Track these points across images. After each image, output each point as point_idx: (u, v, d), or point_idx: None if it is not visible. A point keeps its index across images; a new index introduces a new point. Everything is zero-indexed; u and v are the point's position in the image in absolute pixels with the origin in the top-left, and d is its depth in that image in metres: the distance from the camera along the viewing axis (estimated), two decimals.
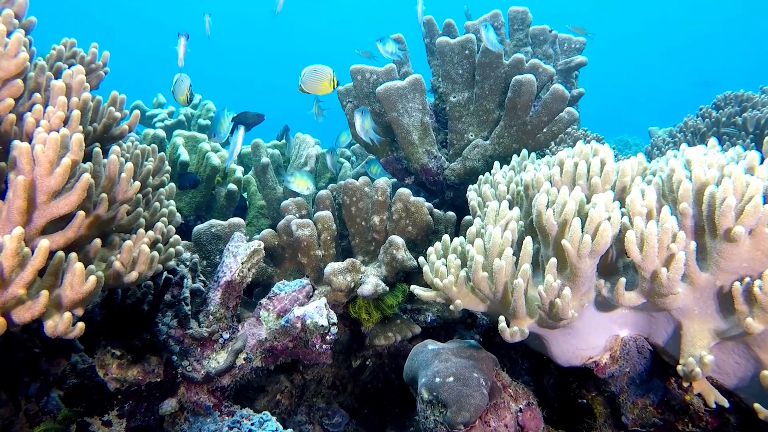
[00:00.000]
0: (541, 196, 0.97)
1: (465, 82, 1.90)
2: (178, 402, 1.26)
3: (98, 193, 1.01)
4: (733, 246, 0.82)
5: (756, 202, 0.79)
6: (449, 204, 2.01)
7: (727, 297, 0.86)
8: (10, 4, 1.11)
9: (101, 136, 1.21)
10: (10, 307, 0.77)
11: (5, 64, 0.90)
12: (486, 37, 1.70)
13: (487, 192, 1.24)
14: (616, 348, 1.03)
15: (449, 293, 1.02)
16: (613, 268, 1.00)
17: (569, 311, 0.90)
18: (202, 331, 1.24)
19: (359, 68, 1.92)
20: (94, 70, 1.31)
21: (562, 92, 1.72)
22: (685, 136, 2.69)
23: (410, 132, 1.88)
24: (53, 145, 0.82)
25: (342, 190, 1.65)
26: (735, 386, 0.92)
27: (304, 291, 1.34)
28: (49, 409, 1.17)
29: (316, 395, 1.59)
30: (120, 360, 1.23)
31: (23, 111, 0.99)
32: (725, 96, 2.72)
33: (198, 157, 2.19)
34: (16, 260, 0.74)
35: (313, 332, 1.22)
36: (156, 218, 1.20)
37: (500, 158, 1.81)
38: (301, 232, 1.54)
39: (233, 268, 1.28)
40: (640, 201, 0.90)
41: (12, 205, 0.81)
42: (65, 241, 0.90)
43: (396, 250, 1.46)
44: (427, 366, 1.06)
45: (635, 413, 1.04)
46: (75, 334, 0.82)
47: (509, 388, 1.07)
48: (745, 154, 0.95)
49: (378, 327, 1.52)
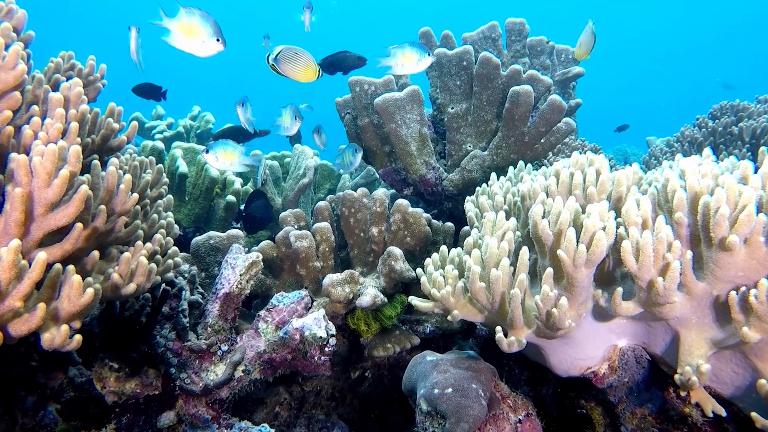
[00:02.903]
0: (537, 207, 0.97)
1: (463, 93, 1.92)
2: (176, 415, 1.26)
3: (96, 204, 1.02)
4: (729, 255, 0.83)
5: (749, 211, 0.79)
6: (448, 215, 2.01)
7: (724, 306, 0.86)
8: (8, 18, 1.12)
9: (99, 147, 1.21)
10: (7, 320, 0.77)
11: (3, 77, 0.91)
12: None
13: (485, 203, 1.24)
14: (615, 358, 1.03)
15: (447, 304, 1.02)
16: (611, 278, 1.00)
17: (566, 321, 0.90)
18: (201, 344, 1.24)
19: (357, 80, 1.94)
20: (92, 83, 1.32)
21: (560, 103, 1.73)
22: (682, 145, 2.70)
23: (408, 143, 1.88)
24: (51, 157, 0.82)
25: (340, 201, 1.65)
26: (733, 395, 0.92)
27: (303, 302, 1.34)
28: (46, 423, 1.17)
29: (315, 407, 1.59)
30: (118, 373, 1.23)
31: (21, 123, 1.00)
32: (721, 106, 2.74)
33: (196, 169, 2.20)
34: (13, 273, 0.74)
35: (312, 344, 1.22)
36: (154, 230, 1.20)
37: (498, 169, 1.82)
38: (299, 244, 1.55)
39: (231, 280, 1.28)
40: (635, 211, 0.90)
41: (9, 217, 0.81)
42: (63, 254, 0.90)
43: (394, 261, 1.46)
44: (426, 377, 1.06)
45: (634, 423, 1.04)
46: (72, 347, 0.82)
47: (508, 398, 1.06)
48: (738, 164, 0.95)
49: (377, 338, 1.51)
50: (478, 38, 2.15)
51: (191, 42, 1.26)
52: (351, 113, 2.02)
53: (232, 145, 1.47)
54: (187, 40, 1.26)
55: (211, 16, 1.26)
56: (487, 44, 2.14)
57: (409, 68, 1.53)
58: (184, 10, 1.24)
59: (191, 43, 1.26)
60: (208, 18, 1.26)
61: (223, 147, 1.45)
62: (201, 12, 1.25)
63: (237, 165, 1.47)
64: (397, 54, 1.51)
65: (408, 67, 1.52)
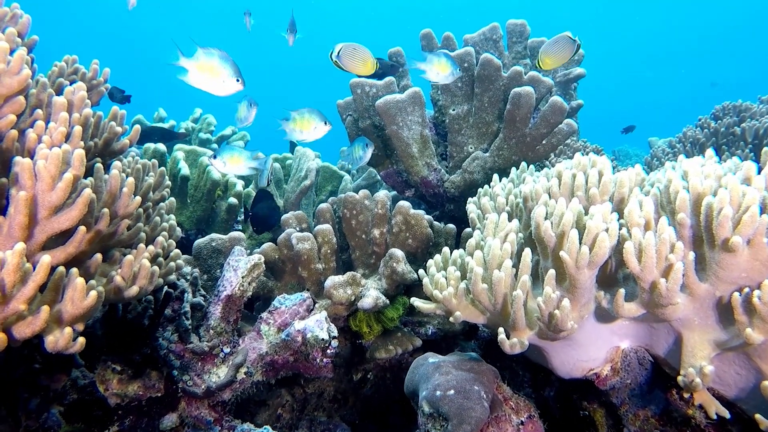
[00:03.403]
0: (539, 208, 0.98)
1: (464, 95, 1.92)
2: (178, 417, 1.26)
3: (99, 208, 1.02)
4: (732, 256, 0.83)
5: (752, 212, 0.79)
6: (449, 216, 2.01)
7: (727, 307, 0.86)
8: (13, 23, 1.13)
9: (102, 151, 1.22)
10: (11, 322, 0.77)
11: (8, 81, 0.91)
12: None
13: (487, 204, 1.24)
14: (617, 359, 1.03)
15: (449, 305, 1.02)
16: (613, 280, 1.00)
17: (568, 323, 0.90)
18: (203, 346, 1.24)
19: (359, 82, 1.94)
20: (95, 87, 1.32)
21: (561, 104, 1.73)
22: (684, 146, 2.70)
23: (410, 145, 1.89)
24: (55, 160, 0.83)
25: (342, 203, 1.65)
26: (736, 397, 0.92)
27: (305, 304, 1.34)
28: (49, 425, 1.17)
29: (317, 409, 1.59)
30: (120, 375, 1.23)
31: (25, 127, 1.00)
32: (723, 106, 2.73)
33: (198, 171, 2.20)
34: (17, 276, 0.75)
35: (314, 346, 1.22)
36: (156, 233, 1.20)
37: (500, 170, 1.82)
38: (301, 246, 1.55)
39: (234, 282, 1.28)
40: (637, 212, 0.90)
41: (13, 220, 0.81)
42: (66, 257, 0.90)
43: (396, 263, 1.47)
44: (428, 379, 1.06)
45: (637, 425, 1.04)
46: (75, 350, 0.82)
47: (510, 400, 1.06)
48: (741, 164, 0.95)
49: (379, 340, 1.51)
50: (479, 40, 2.15)
51: (211, 82, 1.29)
52: (352, 115, 2.03)
53: (238, 150, 1.48)
54: (207, 79, 1.29)
55: (230, 57, 1.30)
56: (489, 46, 2.15)
57: (443, 78, 1.60)
58: (202, 50, 1.27)
59: (211, 83, 1.29)
60: (227, 58, 1.29)
61: (229, 152, 1.46)
62: (220, 52, 1.28)
63: (244, 169, 1.48)
64: (433, 61, 1.58)
65: (441, 77, 1.60)
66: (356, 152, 1.70)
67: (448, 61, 1.58)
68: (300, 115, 1.51)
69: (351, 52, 1.56)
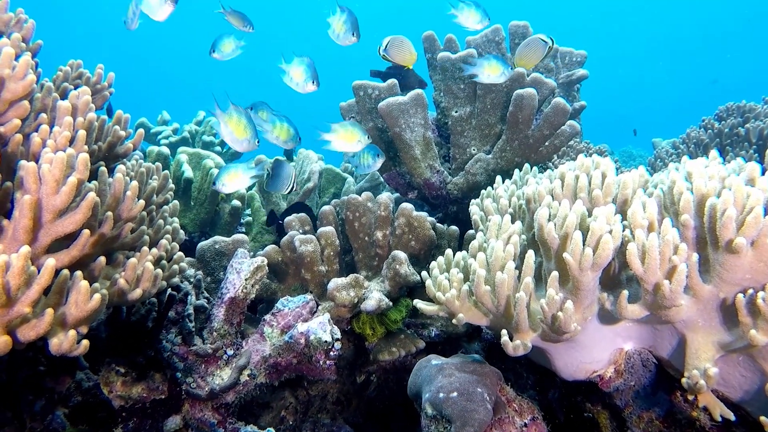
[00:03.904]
0: (543, 210, 0.97)
1: (467, 97, 1.92)
2: (182, 419, 1.26)
3: (103, 211, 1.02)
4: (736, 257, 0.82)
5: (757, 213, 0.79)
6: (452, 218, 2.01)
7: (731, 309, 0.86)
8: (18, 27, 1.14)
9: (106, 154, 1.22)
10: (16, 325, 0.77)
11: (13, 86, 0.92)
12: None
13: (489, 206, 1.24)
14: (621, 361, 1.03)
15: (452, 307, 1.02)
16: (616, 281, 1.00)
17: (572, 324, 0.90)
18: (206, 348, 1.24)
19: (361, 84, 1.94)
20: (100, 91, 1.33)
21: (564, 106, 1.73)
22: (688, 147, 2.69)
23: (412, 147, 1.89)
24: (59, 164, 0.83)
25: (345, 205, 1.66)
26: (741, 399, 0.92)
27: (308, 307, 1.34)
28: (53, 427, 1.17)
29: (320, 411, 1.59)
30: (124, 377, 1.23)
31: (30, 131, 1.01)
32: (727, 107, 2.73)
33: (202, 174, 2.21)
34: (22, 279, 0.75)
35: (317, 348, 1.22)
36: (160, 235, 1.21)
37: (503, 172, 1.82)
38: (304, 248, 1.55)
39: (237, 285, 1.29)
40: (641, 213, 0.90)
41: (18, 224, 0.82)
42: (70, 260, 0.91)
43: (399, 265, 1.47)
44: (431, 381, 1.05)
45: (641, 427, 1.03)
46: (80, 352, 0.82)
47: (514, 402, 1.06)
48: (745, 165, 0.95)
49: (382, 342, 1.51)
50: (482, 42, 2.15)
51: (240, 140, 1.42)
52: (355, 117, 2.03)
53: (233, 166, 1.51)
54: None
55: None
56: (491, 47, 2.15)
57: (494, 78, 1.66)
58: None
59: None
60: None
61: (225, 172, 1.49)
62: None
63: (246, 181, 1.51)
64: (484, 64, 1.64)
65: (493, 77, 1.66)
66: (365, 159, 1.70)
67: (500, 62, 1.65)
68: (343, 128, 1.60)
69: (398, 44, 1.70)
